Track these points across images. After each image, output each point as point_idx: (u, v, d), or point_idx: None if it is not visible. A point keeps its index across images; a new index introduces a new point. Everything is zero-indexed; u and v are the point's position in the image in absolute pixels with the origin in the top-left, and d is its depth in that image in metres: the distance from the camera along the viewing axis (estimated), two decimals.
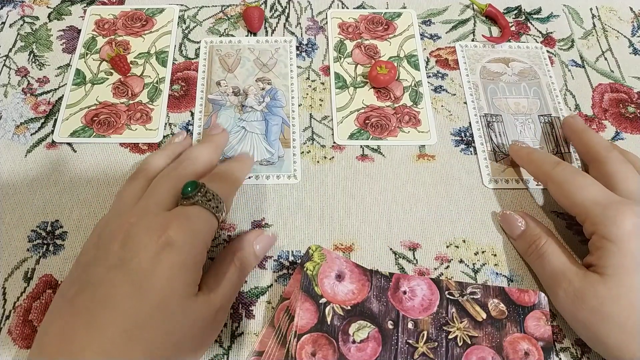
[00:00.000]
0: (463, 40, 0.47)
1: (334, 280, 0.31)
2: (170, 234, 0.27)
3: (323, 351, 0.29)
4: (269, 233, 0.34)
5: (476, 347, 0.30)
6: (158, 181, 0.31)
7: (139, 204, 0.30)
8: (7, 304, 0.33)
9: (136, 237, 0.27)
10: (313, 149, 0.40)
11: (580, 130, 0.38)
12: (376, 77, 0.42)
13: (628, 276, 0.28)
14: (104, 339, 0.24)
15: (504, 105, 0.43)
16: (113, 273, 0.26)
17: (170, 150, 0.36)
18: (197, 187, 0.29)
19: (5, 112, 0.41)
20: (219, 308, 0.29)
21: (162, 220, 0.28)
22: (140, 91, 0.42)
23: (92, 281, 0.26)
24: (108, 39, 0.45)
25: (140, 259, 0.26)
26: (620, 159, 0.34)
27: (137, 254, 0.26)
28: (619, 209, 0.30)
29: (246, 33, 0.46)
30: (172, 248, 0.26)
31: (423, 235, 0.36)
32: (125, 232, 0.27)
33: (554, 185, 0.34)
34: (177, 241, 0.27)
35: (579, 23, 0.48)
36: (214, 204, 0.29)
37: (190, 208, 0.29)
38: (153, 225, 0.27)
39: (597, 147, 0.35)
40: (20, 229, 0.36)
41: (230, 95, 0.42)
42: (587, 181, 0.32)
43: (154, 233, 0.27)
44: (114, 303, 0.25)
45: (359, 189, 0.38)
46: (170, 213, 0.29)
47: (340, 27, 0.47)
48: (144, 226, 0.27)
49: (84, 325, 0.24)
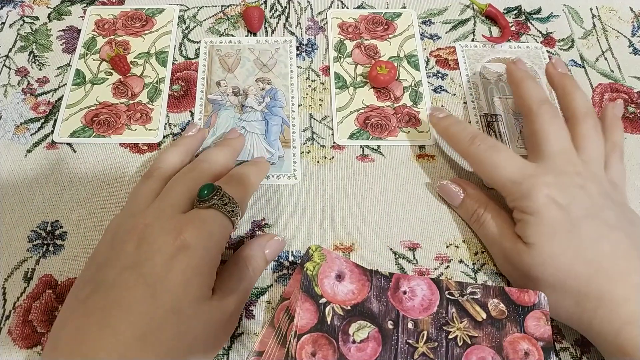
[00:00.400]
0: (463, 40, 0.47)
1: (334, 280, 0.31)
2: (186, 236, 0.27)
3: (323, 351, 0.29)
4: (278, 238, 0.34)
5: (476, 347, 0.30)
6: (174, 182, 0.31)
7: (154, 205, 0.30)
8: (7, 304, 0.33)
9: (151, 238, 0.27)
10: (313, 149, 0.40)
11: (519, 79, 0.37)
12: (376, 77, 0.42)
13: (548, 243, 0.30)
14: (118, 341, 0.24)
15: (504, 105, 0.43)
16: (127, 274, 0.26)
17: (183, 146, 0.36)
18: (214, 191, 0.29)
19: (5, 112, 0.41)
20: (232, 311, 0.29)
21: (178, 223, 0.28)
22: (140, 91, 0.42)
23: (105, 282, 0.26)
24: (108, 39, 0.45)
25: (155, 262, 0.26)
26: (550, 114, 0.34)
27: (152, 256, 0.26)
28: (531, 184, 0.31)
29: (246, 33, 0.46)
30: (187, 251, 0.26)
31: (423, 235, 0.36)
32: (140, 233, 0.27)
33: (472, 164, 0.35)
34: (192, 244, 0.27)
35: (579, 23, 0.48)
36: (230, 207, 0.29)
37: (206, 211, 0.29)
38: (168, 228, 0.27)
39: (529, 101, 0.35)
40: (20, 229, 0.36)
41: (230, 95, 0.42)
42: (501, 157, 0.33)
43: (169, 235, 0.27)
44: (128, 305, 0.25)
45: (359, 189, 0.38)
46: (185, 216, 0.28)
47: (340, 27, 0.47)
48: (159, 228, 0.27)
49: (98, 326, 0.24)
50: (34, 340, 0.32)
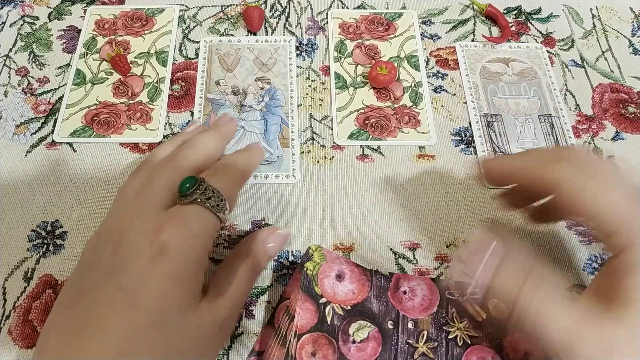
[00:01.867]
0: (463, 40, 0.47)
1: (334, 280, 0.31)
2: (164, 238, 0.24)
3: (323, 351, 0.29)
4: (280, 231, 0.31)
5: (476, 347, 0.30)
6: (154, 174, 0.28)
7: (134, 202, 0.27)
8: (7, 304, 0.33)
9: (128, 242, 0.25)
10: (313, 149, 0.40)
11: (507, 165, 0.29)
12: (376, 77, 0.42)
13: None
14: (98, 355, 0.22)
15: (504, 105, 0.43)
16: (104, 282, 0.24)
17: (180, 141, 0.32)
18: (196, 184, 0.26)
19: (5, 112, 0.41)
20: (224, 318, 0.26)
21: (156, 223, 0.25)
22: (140, 91, 0.42)
23: (86, 289, 0.24)
24: (108, 38, 0.45)
25: (131, 269, 0.24)
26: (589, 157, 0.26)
27: (128, 262, 0.24)
28: None
29: (246, 33, 0.46)
30: (165, 256, 0.24)
31: (423, 235, 0.36)
32: (118, 236, 0.25)
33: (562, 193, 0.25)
34: (172, 246, 0.24)
35: (579, 23, 0.48)
36: (214, 202, 0.26)
37: (188, 207, 0.26)
38: (146, 229, 0.25)
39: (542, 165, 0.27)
40: (20, 228, 0.36)
41: (230, 94, 0.42)
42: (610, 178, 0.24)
43: (146, 238, 0.24)
44: (105, 318, 0.23)
45: (359, 189, 0.38)
46: (165, 214, 0.26)
47: (341, 27, 0.47)
48: (137, 230, 0.25)
49: (79, 336, 0.23)
50: (34, 340, 0.32)
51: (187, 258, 0.25)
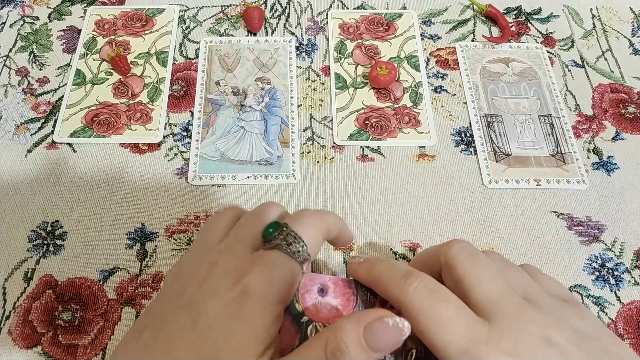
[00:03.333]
0: (463, 40, 0.47)
1: (316, 295, 0.28)
2: (247, 281, 0.24)
3: None
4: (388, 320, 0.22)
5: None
6: (245, 218, 0.28)
7: (223, 242, 0.27)
8: (7, 304, 0.33)
9: (213, 279, 0.25)
10: (313, 149, 0.40)
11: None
12: (376, 77, 0.42)
13: None
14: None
15: (504, 105, 0.43)
16: (180, 313, 0.24)
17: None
18: (279, 228, 0.26)
19: (5, 112, 0.41)
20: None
21: (241, 265, 0.25)
22: (140, 91, 0.42)
23: (160, 317, 0.25)
24: (108, 39, 0.45)
25: (209, 305, 0.24)
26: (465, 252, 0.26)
27: (208, 297, 0.24)
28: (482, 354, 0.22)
29: (246, 33, 0.46)
30: (246, 298, 0.24)
31: (423, 235, 0.36)
32: (205, 271, 0.25)
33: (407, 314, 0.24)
34: (253, 291, 0.24)
35: (579, 23, 0.48)
36: (294, 247, 0.25)
37: (270, 253, 0.25)
38: (231, 269, 0.25)
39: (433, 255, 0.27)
40: (21, 229, 0.36)
41: (230, 95, 0.42)
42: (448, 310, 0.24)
43: (231, 278, 0.24)
44: (174, 348, 0.23)
45: (359, 189, 0.38)
46: (252, 257, 0.25)
47: (341, 28, 0.47)
48: (223, 268, 0.25)
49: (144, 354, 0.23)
50: (34, 340, 0.32)
51: (262, 306, 0.24)
